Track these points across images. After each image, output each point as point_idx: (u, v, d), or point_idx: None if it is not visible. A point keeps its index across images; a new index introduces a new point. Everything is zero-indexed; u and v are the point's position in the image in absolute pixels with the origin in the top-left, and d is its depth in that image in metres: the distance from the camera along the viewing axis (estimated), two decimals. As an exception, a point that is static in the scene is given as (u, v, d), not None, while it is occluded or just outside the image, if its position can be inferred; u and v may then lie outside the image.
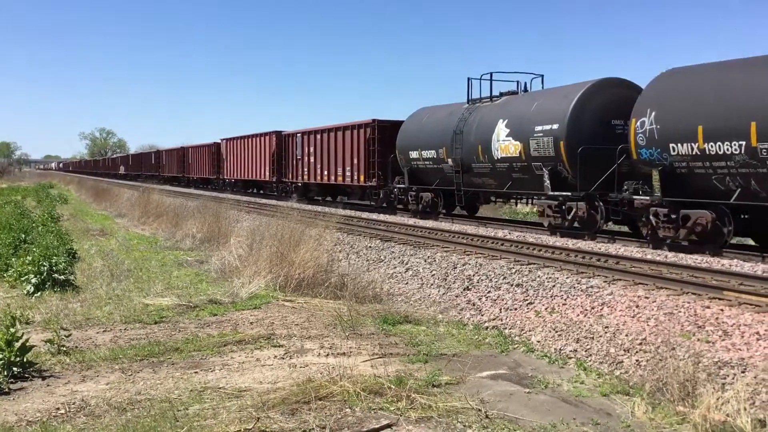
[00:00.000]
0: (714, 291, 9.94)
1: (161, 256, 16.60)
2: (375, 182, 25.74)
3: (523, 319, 10.14)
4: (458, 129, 20.80)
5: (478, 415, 6.00)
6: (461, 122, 20.82)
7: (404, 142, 24.05)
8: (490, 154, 19.36)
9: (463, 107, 21.43)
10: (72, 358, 7.66)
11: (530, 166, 18.10)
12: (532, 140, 17.75)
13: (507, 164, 18.93)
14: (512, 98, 20.15)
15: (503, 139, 18.85)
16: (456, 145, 20.77)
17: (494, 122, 19.33)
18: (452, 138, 20.99)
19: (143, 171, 73.29)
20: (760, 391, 6.55)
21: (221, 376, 7.08)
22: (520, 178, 18.82)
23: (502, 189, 20.03)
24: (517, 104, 19.33)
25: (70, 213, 31.69)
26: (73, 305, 10.57)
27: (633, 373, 7.69)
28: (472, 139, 20.14)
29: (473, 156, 20.15)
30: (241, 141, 41.67)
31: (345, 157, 27.62)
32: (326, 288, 11.72)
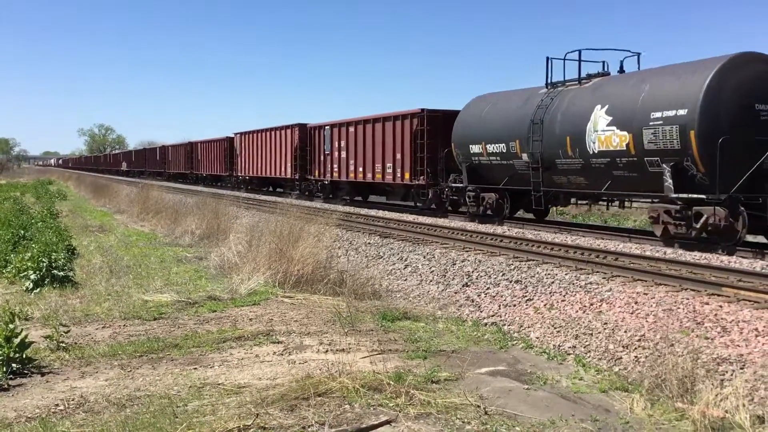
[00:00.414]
0: (713, 287, 9.95)
1: (160, 253, 16.60)
2: (423, 180, 22.77)
3: (522, 316, 10.15)
4: (537, 118, 17.51)
5: (477, 411, 6.01)
6: (540, 110, 17.54)
7: (463, 135, 20.89)
8: (583, 147, 16.18)
9: (540, 92, 18.23)
10: (71, 355, 7.66)
11: (641, 161, 14.84)
12: (646, 130, 14.53)
13: (607, 160, 15.69)
14: (610, 80, 16.92)
15: (603, 129, 15.62)
16: (534, 137, 17.50)
17: (588, 109, 16.15)
18: (529, 129, 17.72)
19: (147, 167, 70.76)
20: (759, 388, 6.56)
21: (220, 372, 7.09)
22: (624, 176, 15.55)
23: (596, 189, 16.57)
24: (618, 86, 16.10)
25: (69, 209, 31.67)
26: (72, 301, 10.57)
27: (632, 369, 7.70)
28: (557, 129, 16.93)
29: (558, 150, 16.92)
30: (257, 135, 38.45)
31: (385, 151, 24.75)
32: (325, 284, 11.72)
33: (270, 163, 36.60)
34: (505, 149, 18.96)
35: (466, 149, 20.70)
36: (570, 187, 17.56)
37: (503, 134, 19.03)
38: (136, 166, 76.80)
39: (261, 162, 37.93)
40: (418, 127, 22.85)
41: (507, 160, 19.06)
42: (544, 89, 18.20)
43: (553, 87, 18.00)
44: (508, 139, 18.79)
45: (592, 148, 15.97)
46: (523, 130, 18.05)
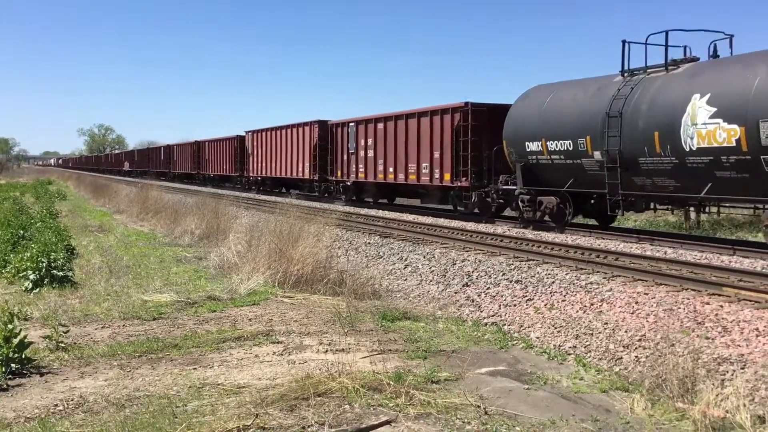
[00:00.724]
0: (713, 287, 9.94)
1: (160, 253, 16.59)
2: (466, 182, 20.42)
3: (522, 316, 10.14)
4: (614, 110, 15.24)
5: (477, 411, 5.99)
6: (618, 101, 15.28)
7: (517, 131, 18.40)
8: (676, 143, 13.91)
9: (614, 81, 16.00)
10: (70, 355, 7.64)
11: (756, 160, 12.73)
12: (764, 123, 12.42)
13: (709, 158, 13.48)
14: (708, 65, 14.73)
15: (705, 122, 13.42)
16: (611, 132, 15.23)
17: (683, 99, 13.97)
18: (603, 123, 15.44)
19: (151, 167, 68.04)
20: (760, 388, 6.55)
21: (220, 372, 7.07)
22: (730, 177, 13.29)
23: (692, 193, 14.28)
24: (722, 72, 13.91)
25: (69, 209, 31.66)
26: (71, 301, 10.56)
27: (632, 369, 7.69)
28: (641, 123, 14.69)
29: (642, 147, 14.62)
30: (271, 133, 36.13)
31: (420, 150, 22.56)
32: (325, 284, 11.70)
33: (285, 162, 34.28)
34: (572, 146, 16.56)
35: (520, 147, 18.20)
36: (654, 190, 15.07)
37: (569, 130, 16.63)
38: (139, 166, 74.64)
39: (275, 162, 35.74)
40: (460, 123, 20.61)
41: (573, 159, 16.66)
42: (618, 77, 15.96)
43: (631, 75, 15.70)
44: (575, 135, 16.42)
45: (689, 144, 13.71)
46: (595, 124, 15.82)
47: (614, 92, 15.53)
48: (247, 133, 40.62)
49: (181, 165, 57.45)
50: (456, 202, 22.11)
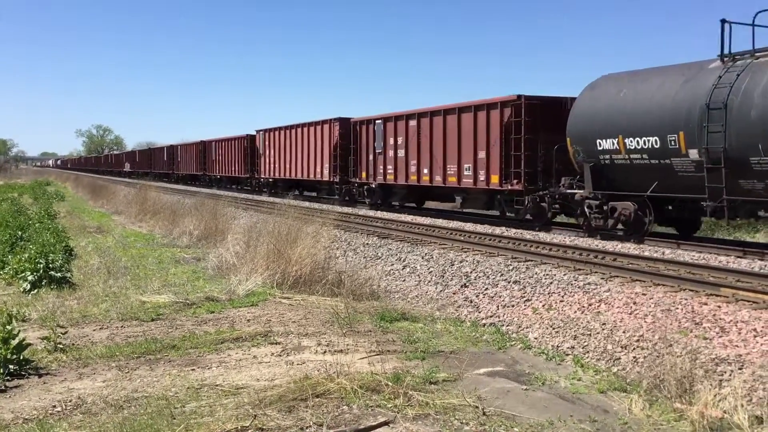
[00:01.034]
0: (711, 287, 9.96)
1: (158, 254, 16.58)
2: (518, 185, 18.33)
3: (520, 316, 10.14)
4: (715, 101, 13.06)
5: (475, 412, 6.00)
6: (721, 90, 13.10)
7: (584, 127, 16.19)
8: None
9: (711, 67, 13.91)
10: (68, 356, 7.64)
11: None
12: None
13: None
14: None
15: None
16: (712, 127, 13.11)
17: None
18: (701, 116, 13.31)
19: (153, 168, 65.69)
20: (758, 388, 6.56)
21: (218, 373, 7.07)
22: None
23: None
24: None
25: (67, 210, 31.63)
26: (69, 302, 10.54)
27: (630, 369, 7.69)
28: (754, 116, 12.58)
29: (756, 144, 12.53)
30: (286, 132, 34.04)
31: (462, 149, 20.50)
32: (323, 285, 11.71)
33: (301, 163, 32.31)
34: (658, 144, 14.33)
35: (590, 145, 15.94)
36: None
37: (655, 125, 14.41)
38: (141, 167, 72.18)
39: (290, 162, 33.67)
40: (511, 119, 18.45)
41: (661, 158, 14.39)
42: (716, 62, 13.90)
43: (733, 60, 13.57)
44: (663, 130, 14.20)
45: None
46: (691, 117, 13.67)
47: (714, 80, 13.40)
48: (258, 132, 38.55)
49: (186, 166, 55.42)
50: (505, 208, 19.79)
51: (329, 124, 29.56)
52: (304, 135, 32.00)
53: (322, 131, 30.12)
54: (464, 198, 22.48)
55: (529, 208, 18.38)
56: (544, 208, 18.12)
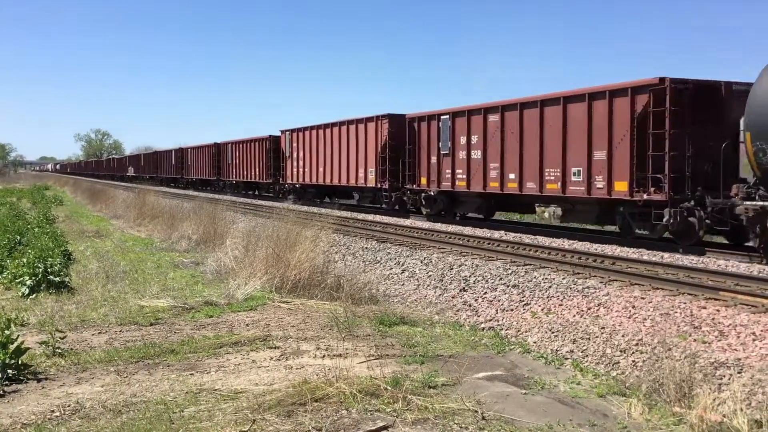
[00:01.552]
0: (710, 291, 9.96)
1: (157, 258, 16.57)
2: (659, 194, 14.92)
3: (519, 320, 10.14)
4: None
5: (474, 416, 5.99)
6: None
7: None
8: None
9: None
10: (67, 360, 7.63)
11: None
12: None
13: None
14: None
15: None
16: None
17: None
18: None
19: (160, 173, 62.83)
20: (757, 392, 6.56)
21: (217, 377, 7.06)
22: None
23: None
24: None
25: (66, 215, 31.62)
26: (68, 307, 10.53)
27: (629, 373, 7.69)
28: None
29: None
30: (319, 132, 30.64)
31: (568, 148, 17.07)
32: (322, 289, 11.70)
33: (337, 167, 28.80)
34: None
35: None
36: None
37: None
38: (146, 172, 68.60)
39: (322, 166, 30.07)
40: (648, 109, 15.05)
41: None
42: None
43: None
44: None
45: None
46: None
47: None
48: (284, 132, 34.86)
49: (197, 170, 51.87)
50: (632, 223, 16.11)
51: (376, 121, 25.93)
52: (342, 135, 28.51)
53: (366, 130, 26.55)
54: (570, 209, 18.59)
55: (673, 224, 14.63)
56: (692, 224, 14.51)
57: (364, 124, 26.97)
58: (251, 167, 40.00)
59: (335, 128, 29.32)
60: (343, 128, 28.67)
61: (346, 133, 28.36)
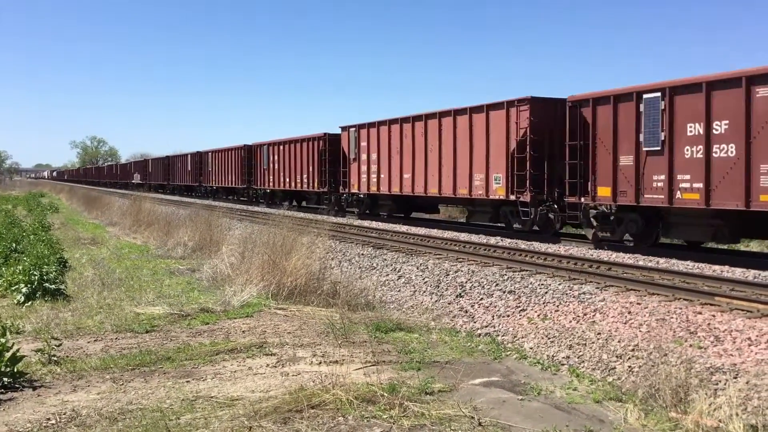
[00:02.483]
0: (706, 297, 9.98)
1: (152, 265, 16.54)
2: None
3: (515, 326, 10.14)
4: None
5: (471, 422, 5.99)
6: None
7: None
8: None
9: None
10: (63, 368, 7.61)
11: None
12: None
13: None
14: None
15: None
16: None
17: None
18: None
19: (172, 180, 56.61)
20: (752, 397, 6.57)
21: (213, 385, 7.05)
22: None
23: None
24: None
25: (61, 222, 31.56)
26: (63, 314, 10.51)
27: (625, 379, 7.70)
28: None
29: None
30: (404, 126, 23.44)
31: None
32: (318, 296, 11.70)
33: (427, 172, 22.01)
34: None
35: None
36: None
37: None
38: (155, 179, 61.86)
39: (408, 171, 23.13)
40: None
41: None
42: None
43: None
44: None
45: None
46: None
47: None
48: (347, 129, 27.72)
49: (221, 177, 44.10)
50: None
51: (508, 108, 18.69)
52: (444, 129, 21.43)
53: (489, 121, 19.47)
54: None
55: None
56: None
57: (484, 112, 19.56)
58: (293, 173, 32.56)
59: (431, 121, 22.09)
60: (445, 120, 21.39)
61: (450, 126, 20.96)
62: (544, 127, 18.04)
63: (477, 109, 19.92)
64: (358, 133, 26.86)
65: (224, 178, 43.22)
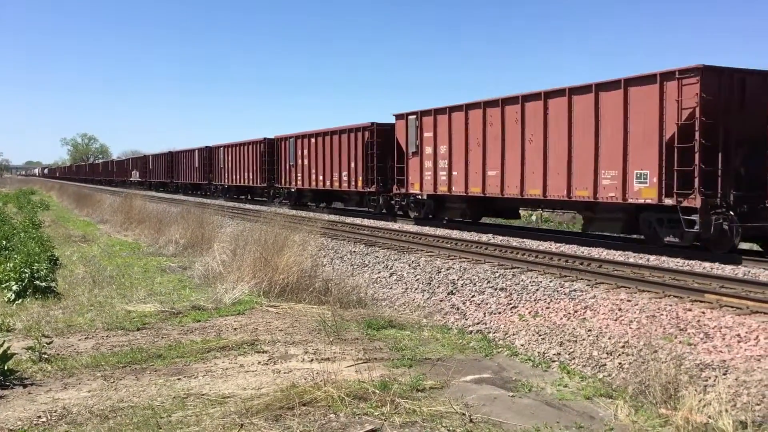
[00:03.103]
0: (695, 294, 10.04)
1: (144, 263, 16.50)
2: None
3: (507, 323, 10.17)
4: None
5: (462, 419, 6.01)
6: None
7: None
8: None
9: None
10: (53, 366, 7.59)
11: None
12: None
13: None
14: None
15: None
16: None
17: None
18: None
19: (175, 179, 53.08)
20: (742, 393, 6.62)
21: (205, 382, 7.05)
22: None
23: None
24: None
25: (52, 219, 31.43)
26: (54, 312, 10.47)
27: (616, 375, 7.74)
28: None
29: None
30: (487, 112, 19.15)
31: None
32: (310, 293, 11.70)
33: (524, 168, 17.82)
34: None
35: None
36: None
37: None
38: (156, 177, 58.49)
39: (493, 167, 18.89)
40: None
41: None
42: None
43: None
44: None
45: None
46: None
47: None
48: (404, 117, 22.94)
49: (234, 174, 39.87)
50: None
51: (661, 83, 14.18)
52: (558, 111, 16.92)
53: (637, 99, 14.83)
54: None
55: None
56: None
57: (621, 88, 15.00)
58: (334, 170, 27.93)
59: (532, 103, 17.64)
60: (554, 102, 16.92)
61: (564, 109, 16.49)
62: (719, 108, 13.67)
63: (609, 85, 15.51)
64: (419, 121, 22.05)
65: (238, 176, 39.10)
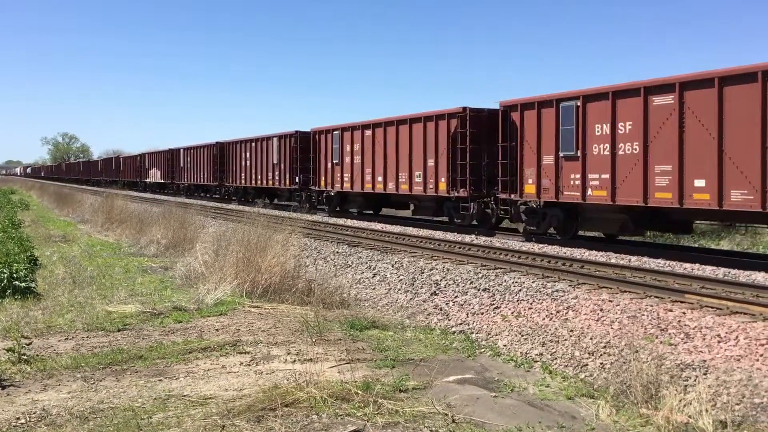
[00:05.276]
0: (676, 294, 10.12)
1: (125, 263, 16.38)
2: None
3: (489, 324, 10.20)
4: None
5: (444, 419, 6.01)
6: None
7: None
8: None
9: None
10: (33, 367, 7.51)
11: None
12: None
13: None
14: None
15: None
16: None
17: None
18: None
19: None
20: (722, 393, 6.68)
21: (186, 383, 7.00)
22: None
23: None
24: None
25: (32, 219, 31.12)
26: (34, 313, 10.37)
27: (597, 376, 7.78)
28: None
29: None
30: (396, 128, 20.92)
31: None
32: (293, 294, 11.66)
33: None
34: None
35: None
36: None
37: None
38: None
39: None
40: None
41: None
42: None
43: None
44: None
45: None
46: None
47: None
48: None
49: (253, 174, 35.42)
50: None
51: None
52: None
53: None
54: None
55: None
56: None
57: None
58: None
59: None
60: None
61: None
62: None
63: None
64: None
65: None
